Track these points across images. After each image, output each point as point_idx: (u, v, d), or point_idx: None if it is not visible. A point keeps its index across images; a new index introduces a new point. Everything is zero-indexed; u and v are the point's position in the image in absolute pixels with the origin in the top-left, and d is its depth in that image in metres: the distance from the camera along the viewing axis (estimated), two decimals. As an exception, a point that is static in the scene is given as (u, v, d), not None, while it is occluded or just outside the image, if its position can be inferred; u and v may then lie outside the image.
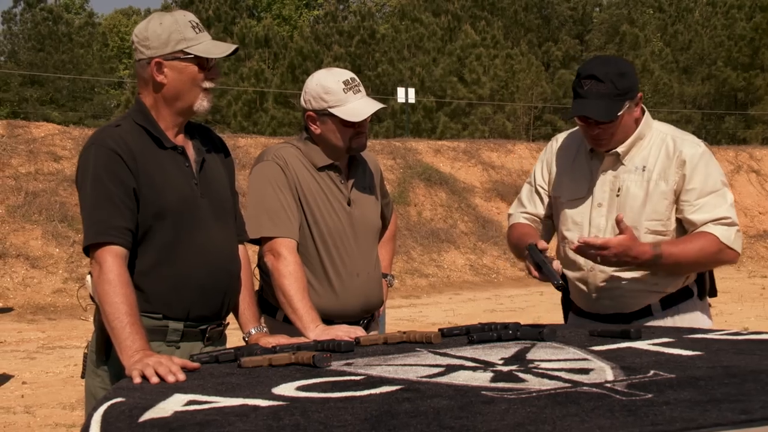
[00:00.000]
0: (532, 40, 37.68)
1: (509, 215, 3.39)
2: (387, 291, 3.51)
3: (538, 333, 2.59)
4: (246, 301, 2.85)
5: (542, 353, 2.38)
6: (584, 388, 1.91)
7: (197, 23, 2.71)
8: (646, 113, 3.11)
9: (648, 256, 2.86)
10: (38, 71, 35.57)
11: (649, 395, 1.82)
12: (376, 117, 28.59)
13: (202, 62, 2.67)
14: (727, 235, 2.93)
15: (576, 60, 38.83)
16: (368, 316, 3.28)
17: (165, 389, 2.08)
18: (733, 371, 2.04)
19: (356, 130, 3.11)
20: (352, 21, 36.57)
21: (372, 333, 3.18)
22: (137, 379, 2.21)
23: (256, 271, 3.15)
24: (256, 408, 1.83)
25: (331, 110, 3.07)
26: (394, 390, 1.95)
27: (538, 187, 3.27)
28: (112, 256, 2.51)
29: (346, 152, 3.18)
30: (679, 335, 2.61)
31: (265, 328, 2.90)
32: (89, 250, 2.56)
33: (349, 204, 3.19)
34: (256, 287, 3.19)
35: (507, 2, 38.02)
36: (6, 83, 37.70)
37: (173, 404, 1.90)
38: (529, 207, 3.28)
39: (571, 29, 40.56)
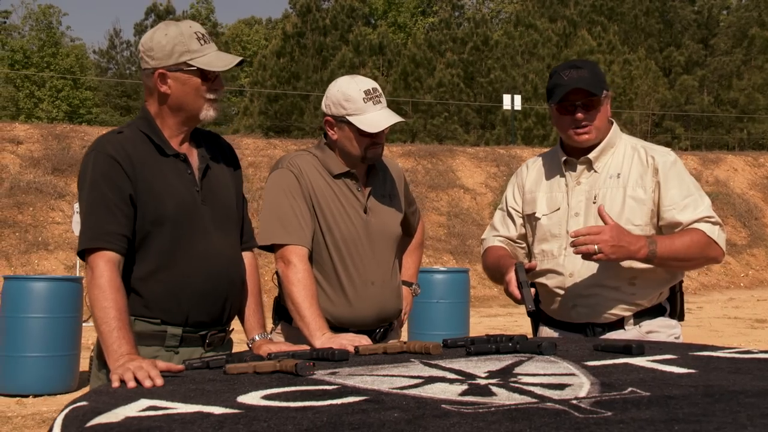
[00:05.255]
0: (652, 45, 36.75)
1: (482, 240, 3.41)
2: (411, 300, 3.47)
3: (537, 346, 2.52)
4: (251, 308, 2.87)
5: (533, 367, 2.30)
6: (548, 404, 1.84)
7: (203, 34, 2.74)
8: (615, 123, 3.16)
9: (645, 251, 2.85)
10: (165, 81, 36.81)
11: (609, 413, 1.74)
12: (489, 124, 28.26)
13: (205, 74, 2.70)
14: (713, 230, 2.98)
15: (699, 65, 37.70)
16: (385, 325, 3.24)
17: (133, 394, 2.09)
18: (713, 390, 1.93)
19: (372, 140, 3.10)
20: (465, 28, 36.46)
21: (391, 342, 3.15)
22: (116, 383, 2.22)
23: (275, 278, 3.16)
24: (207, 416, 1.82)
25: (348, 118, 3.07)
26: (356, 401, 1.92)
27: (511, 210, 3.28)
28: (104, 261, 2.55)
29: (360, 161, 3.17)
30: (685, 352, 2.50)
31: (270, 335, 2.91)
32: (84, 254, 2.61)
33: (365, 212, 3.17)
34: (275, 294, 3.20)
35: (627, 7, 37.21)
36: (136, 92, 39.29)
37: (130, 409, 1.91)
38: (502, 230, 3.30)
39: (695, 33, 39.36)
